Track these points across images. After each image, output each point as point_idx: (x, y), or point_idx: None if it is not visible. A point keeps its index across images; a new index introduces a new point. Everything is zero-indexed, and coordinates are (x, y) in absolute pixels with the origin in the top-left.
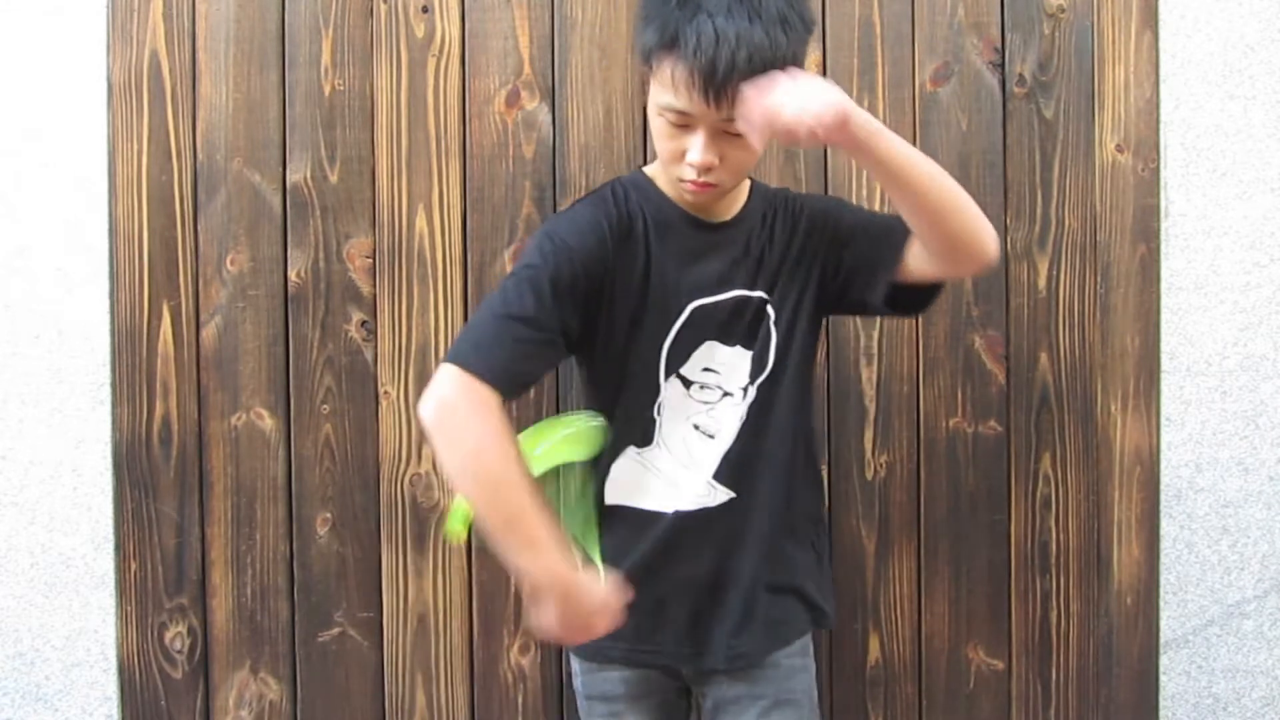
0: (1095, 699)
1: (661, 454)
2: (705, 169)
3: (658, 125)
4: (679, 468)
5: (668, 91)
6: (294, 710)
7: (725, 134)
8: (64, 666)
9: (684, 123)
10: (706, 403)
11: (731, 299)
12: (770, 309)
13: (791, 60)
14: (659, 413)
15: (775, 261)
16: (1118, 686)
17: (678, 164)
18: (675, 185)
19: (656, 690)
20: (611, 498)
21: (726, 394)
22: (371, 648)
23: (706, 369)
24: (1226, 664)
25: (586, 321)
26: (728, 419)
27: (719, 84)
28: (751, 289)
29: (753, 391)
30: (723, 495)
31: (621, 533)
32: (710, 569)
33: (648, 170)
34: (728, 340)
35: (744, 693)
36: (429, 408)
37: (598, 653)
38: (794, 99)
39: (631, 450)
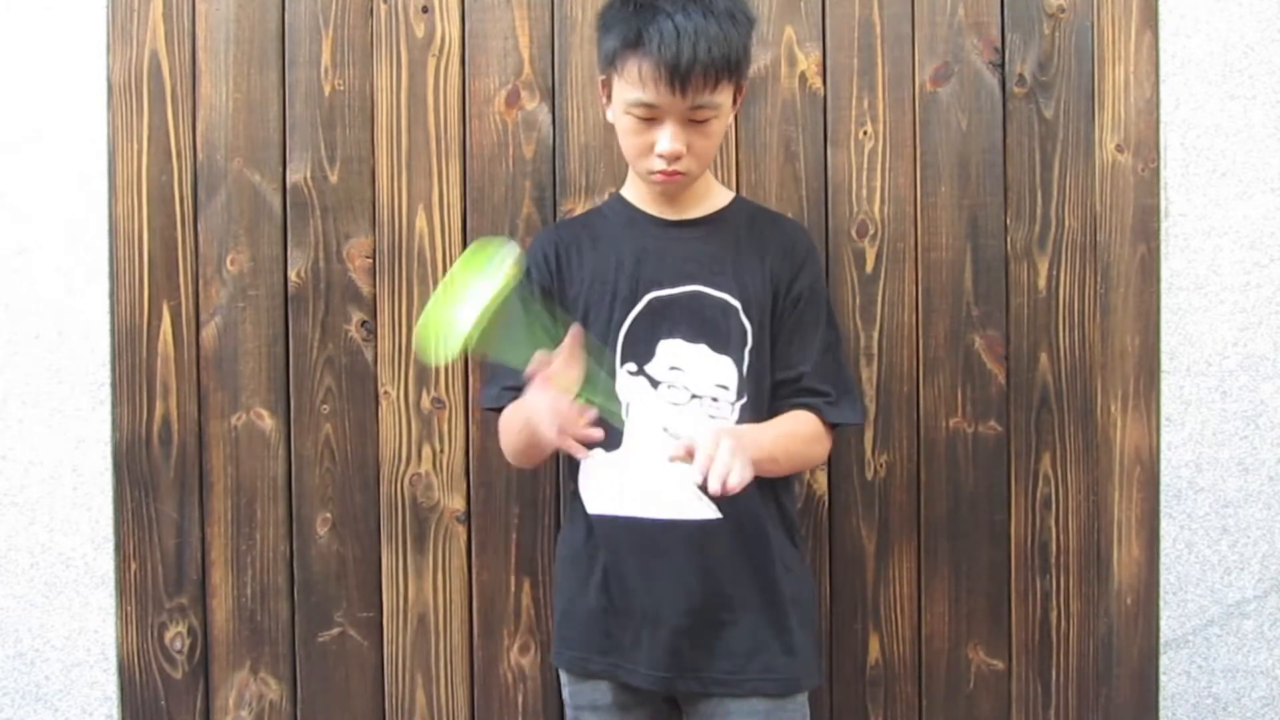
0: (1095, 699)
1: (633, 458)
2: (675, 157)
3: (625, 123)
4: (655, 472)
5: (635, 88)
6: (294, 710)
7: (691, 123)
8: (64, 666)
9: (652, 115)
10: (675, 404)
11: (687, 293)
12: (747, 324)
13: (741, 50)
14: (626, 414)
15: (763, 282)
16: (1118, 686)
17: (646, 157)
18: (644, 181)
19: (645, 701)
20: (592, 506)
21: (695, 396)
22: (371, 648)
23: (672, 368)
24: (1226, 664)
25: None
26: (707, 426)
27: (683, 74)
28: (715, 289)
29: (738, 410)
30: (710, 509)
31: (604, 541)
32: (701, 588)
33: (622, 191)
34: (691, 337)
35: (735, 709)
36: None
37: (578, 664)
38: (716, 469)
39: (599, 453)
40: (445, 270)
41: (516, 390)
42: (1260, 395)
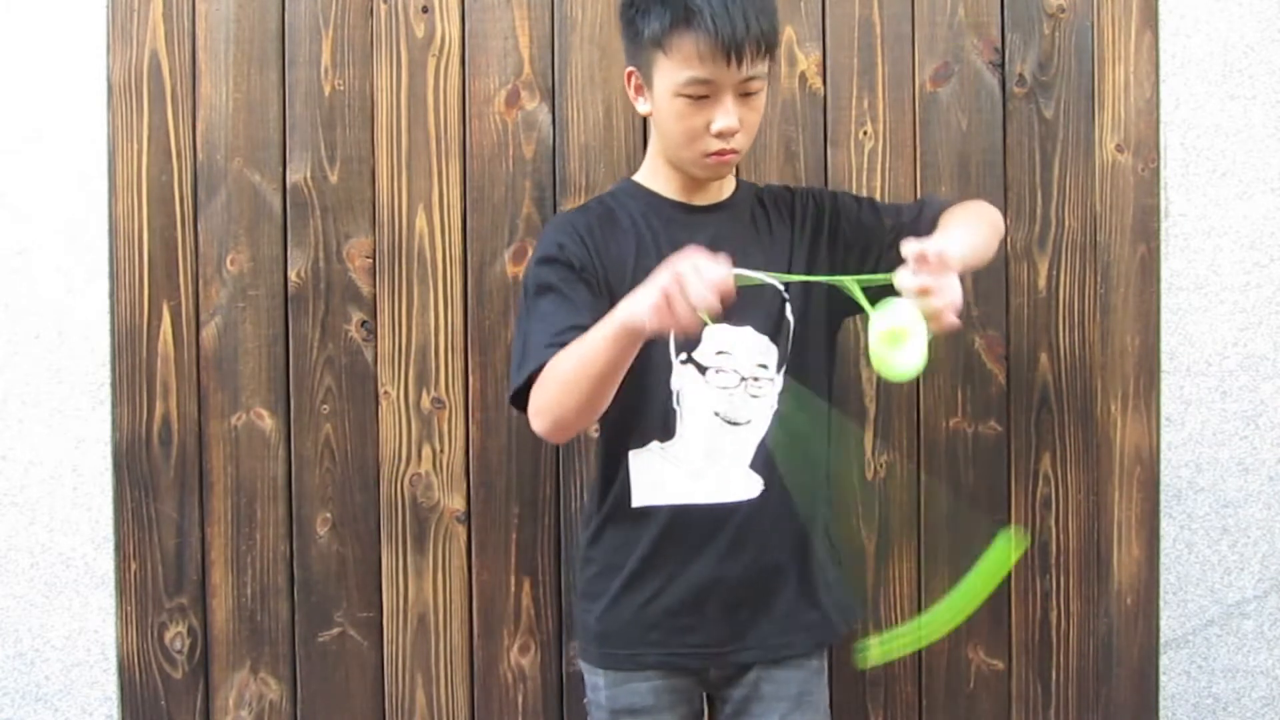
0: (1095, 699)
1: (686, 447)
2: (733, 133)
3: (676, 107)
4: (707, 459)
5: (688, 66)
6: (294, 710)
7: (743, 96)
8: (64, 666)
9: (706, 93)
10: (724, 388)
11: None
12: (785, 295)
13: (777, 17)
14: (678, 403)
15: (784, 249)
16: (1118, 686)
17: (700, 140)
18: (694, 166)
19: (684, 700)
20: (641, 499)
21: (743, 378)
22: (371, 648)
23: (719, 352)
24: (1226, 664)
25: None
26: (752, 406)
27: (739, 44)
28: (753, 269)
29: (780, 380)
30: (760, 486)
31: (654, 532)
32: (750, 563)
33: (635, 178)
34: (735, 321)
35: (769, 693)
36: (539, 427)
37: (630, 660)
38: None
39: (655, 445)
40: (446, 270)
41: (562, 347)
42: (1260, 395)
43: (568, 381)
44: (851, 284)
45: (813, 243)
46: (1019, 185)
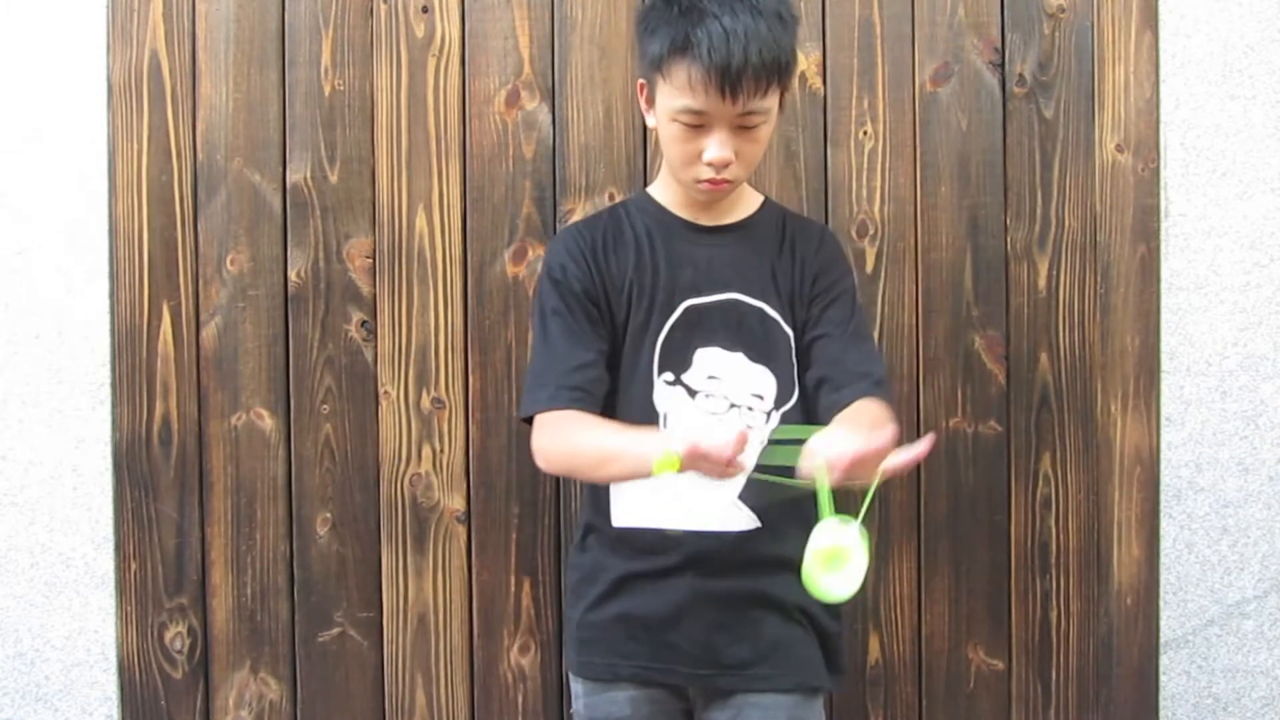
0: (1095, 699)
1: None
2: (724, 165)
3: (671, 130)
4: (692, 485)
5: (682, 95)
6: (294, 710)
7: (740, 129)
8: (64, 666)
9: (700, 122)
10: (713, 414)
11: (724, 301)
12: (790, 331)
13: (790, 52)
14: (664, 424)
15: (794, 285)
16: (1118, 686)
17: (694, 165)
18: (689, 188)
19: (663, 713)
20: (621, 520)
21: (734, 405)
22: (371, 648)
23: (710, 377)
24: (1226, 664)
25: (610, 325)
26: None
27: (734, 79)
28: (752, 297)
29: (777, 418)
30: (749, 518)
31: (636, 547)
32: (734, 586)
33: (649, 190)
34: (729, 346)
35: (755, 717)
36: (542, 466)
37: (607, 670)
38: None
39: None
40: (446, 270)
41: (576, 390)
42: (1260, 395)
43: (581, 465)
44: (822, 487)
45: (798, 294)
46: (1019, 185)
